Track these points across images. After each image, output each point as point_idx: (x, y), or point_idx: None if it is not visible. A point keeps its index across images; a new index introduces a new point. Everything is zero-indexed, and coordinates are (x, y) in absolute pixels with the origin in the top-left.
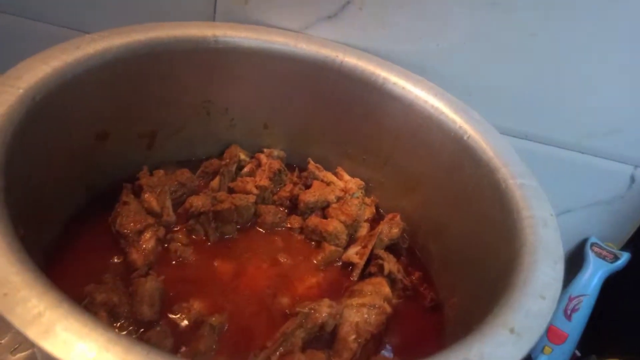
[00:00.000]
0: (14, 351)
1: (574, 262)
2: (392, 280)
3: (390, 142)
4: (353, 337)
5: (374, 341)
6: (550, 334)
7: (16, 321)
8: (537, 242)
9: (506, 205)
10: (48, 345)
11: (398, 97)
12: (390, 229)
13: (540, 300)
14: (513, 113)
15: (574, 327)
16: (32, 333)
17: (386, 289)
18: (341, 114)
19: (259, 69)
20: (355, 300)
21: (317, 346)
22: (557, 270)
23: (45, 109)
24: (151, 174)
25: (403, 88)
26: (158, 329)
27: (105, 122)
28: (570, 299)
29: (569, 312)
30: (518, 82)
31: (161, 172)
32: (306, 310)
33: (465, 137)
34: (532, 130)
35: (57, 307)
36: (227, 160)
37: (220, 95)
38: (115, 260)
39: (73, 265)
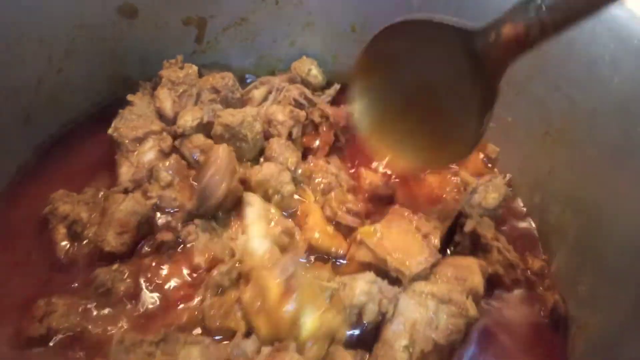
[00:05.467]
0: None
1: None
2: (484, 251)
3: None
4: (403, 343)
5: (438, 356)
6: None
7: None
8: None
9: None
10: None
11: None
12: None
13: None
14: None
15: None
16: None
17: (476, 279)
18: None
19: None
20: (422, 286)
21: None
22: None
23: None
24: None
25: None
26: (115, 267)
27: None
28: None
29: None
30: None
31: (194, 67)
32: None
33: None
34: None
35: None
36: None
37: None
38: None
39: (67, 167)
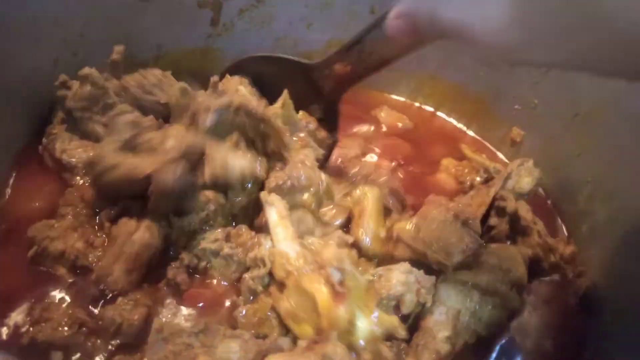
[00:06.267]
0: None
1: None
2: (523, 234)
3: None
4: (445, 334)
5: (479, 349)
6: None
7: None
8: None
9: None
10: None
11: None
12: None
13: None
14: None
15: None
16: None
17: (520, 269)
18: None
19: None
20: (464, 276)
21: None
22: None
23: None
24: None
25: None
26: (119, 301)
27: None
28: None
29: None
30: None
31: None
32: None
33: None
34: None
35: None
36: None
37: None
38: None
39: None
